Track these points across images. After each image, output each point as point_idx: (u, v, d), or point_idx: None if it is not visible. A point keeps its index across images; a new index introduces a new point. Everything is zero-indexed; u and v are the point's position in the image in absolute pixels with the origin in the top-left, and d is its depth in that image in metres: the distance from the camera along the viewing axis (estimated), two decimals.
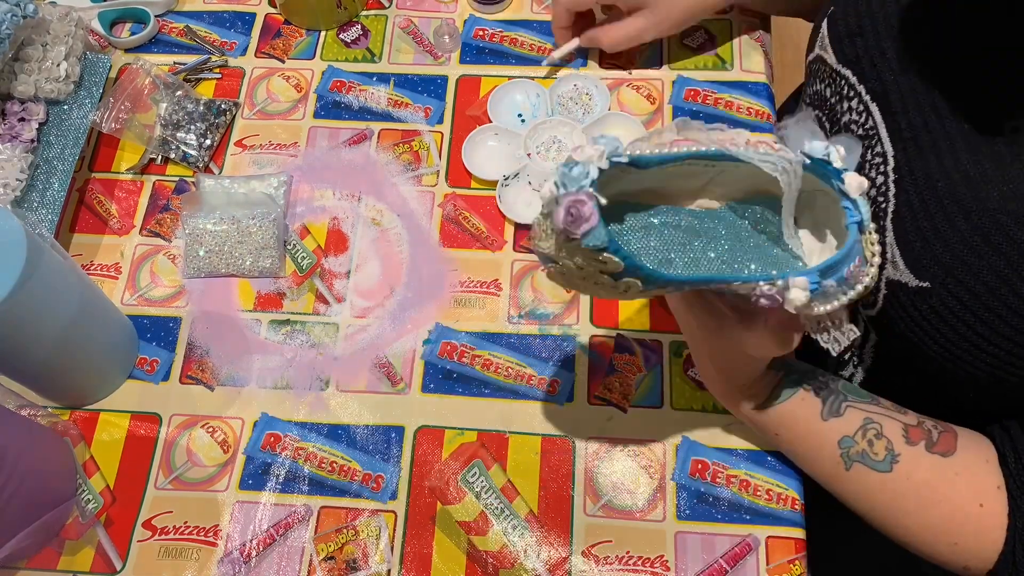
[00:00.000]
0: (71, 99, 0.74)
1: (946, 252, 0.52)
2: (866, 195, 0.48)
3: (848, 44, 0.61)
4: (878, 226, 0.57)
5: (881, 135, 0.58)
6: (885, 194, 0.57)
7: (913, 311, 0.54)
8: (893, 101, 0.57)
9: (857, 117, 0.61)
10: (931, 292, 0.53)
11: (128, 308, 0.69)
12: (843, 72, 0.62)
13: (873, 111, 0.59)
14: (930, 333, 0.54)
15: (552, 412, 0.64)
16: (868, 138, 0.59)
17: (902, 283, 0.55)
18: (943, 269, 0.52)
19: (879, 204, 0.57)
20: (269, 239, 0.70)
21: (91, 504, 0.62)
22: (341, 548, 0.60)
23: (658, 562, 0.58)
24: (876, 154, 0.58)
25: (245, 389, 0.66)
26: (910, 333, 0.55)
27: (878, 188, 0.58)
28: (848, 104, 0.61)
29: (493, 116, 0.76)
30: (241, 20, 0.84)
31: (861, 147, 0.59)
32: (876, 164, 0.58)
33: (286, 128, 0.77)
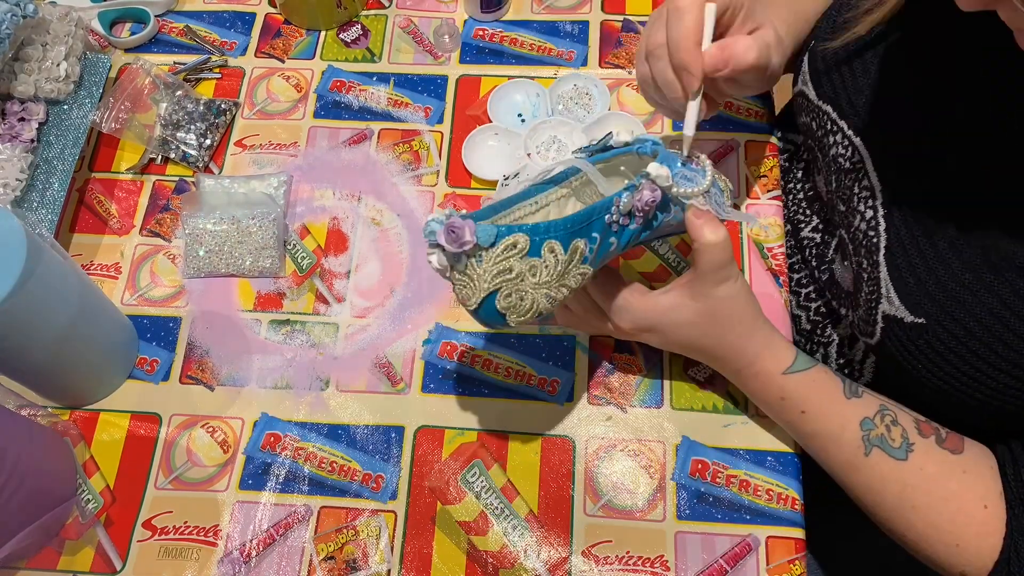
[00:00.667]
0: (71, 99, 0.74)
1: (939, 289, 0.52)
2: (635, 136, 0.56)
3: (826, 80, 0.62)
4: (871, 260, 0.57)
5: (867, 169, 0.59)
6: (876, 228, 0.57)
7: (910, 345, 0.55)
8: (876, 136, 0.58)
9: (843, 151, 0.61)
10: (926, 328, 0.53)
11: (128, 308, 0.69)
12: (824, 108, 0.63)
13: (858, 145, 0.60)
14: (927, 366, 0.54)
15: (552, 412, 0.64)
16: (855, 171, 0.60)
17: (897, 318, 0.55)
18: (937, 306, 0.52)
19: (871, 238, 0.58)
20: (269, 239, 0.70)
21: (91, 504, 0.62)
22: (341, 548, 0.60)
23: (658, 562, 0.58)
24: (863, 187, 0.59)
25: (245, 389, 0.66)
26: (907, 365, 0.56)
27: (868, 222, 0.58)
28: (834, 138, 0.62)
29: (493, 116, 0.76)
30: (241, 20, 0.84)
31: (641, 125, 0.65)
32: (864, 197, 0.59)
33: (286, 128, 0.77)
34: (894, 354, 0.56)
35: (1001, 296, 0.49)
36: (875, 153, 0.58)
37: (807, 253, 0.71)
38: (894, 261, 0.55)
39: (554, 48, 0.80)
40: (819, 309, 0.69)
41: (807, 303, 0.71)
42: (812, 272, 0.70)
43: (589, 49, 0.80)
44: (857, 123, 0.60)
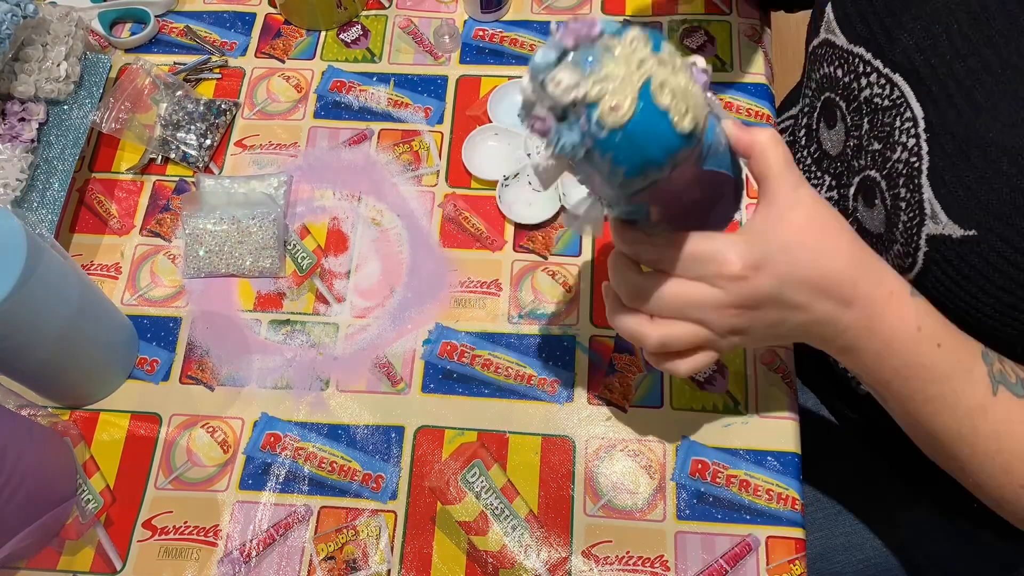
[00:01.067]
0: (71, 99, 0.74)
1: (992, 196, 0.49)
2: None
3: (860, 22, 0.59)
4: (913, 186, 0.54)
5: (909, 101, 0.55)
6: (918, 154, 0.54)
7: (959, 263, 0.51)
8: (919, 68, 0.55)
9: (879, 90, 0.58)
10: (978, 240, 0.49)
11: (128, 308, 0.69)
12: (855, 50, 0.60)
13: (897, 81, 0.57)
14: (982, 286, 0.50)
15: (552, 412, 0.64)
16: (895, 107, 0.57)
17: (945, 236, 0.51)
18: (990, 214, 0.49)
19: (912, 165, 0.54)
20: (269, 239, 0.70)
21: (91, 504, 0.62)
22: (341, 548, 0.60)
23: (658, 562, 0.58)
24: (906, 119, 0.56)
25: (245, 389, 0.66)
26: (957, 289, 0.52)
27: (910, 150, 0.55)
28: (867, 80, 0.59)
29: (493, 116, 0.76)
30: (241, 20, 0.84)
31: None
32: (906, 129, 0.56)
33: (286, 128, 0.77)
34: (941, 279, 0.53)
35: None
36: (917, 85, 0.55)
37: None
38: (940, 177, 0.52)
39: None
40: None
41: None
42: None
43: None
44: (897, 58, 0.56)
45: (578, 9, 0.82)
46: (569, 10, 0.82)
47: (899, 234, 0.57)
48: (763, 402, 0.63)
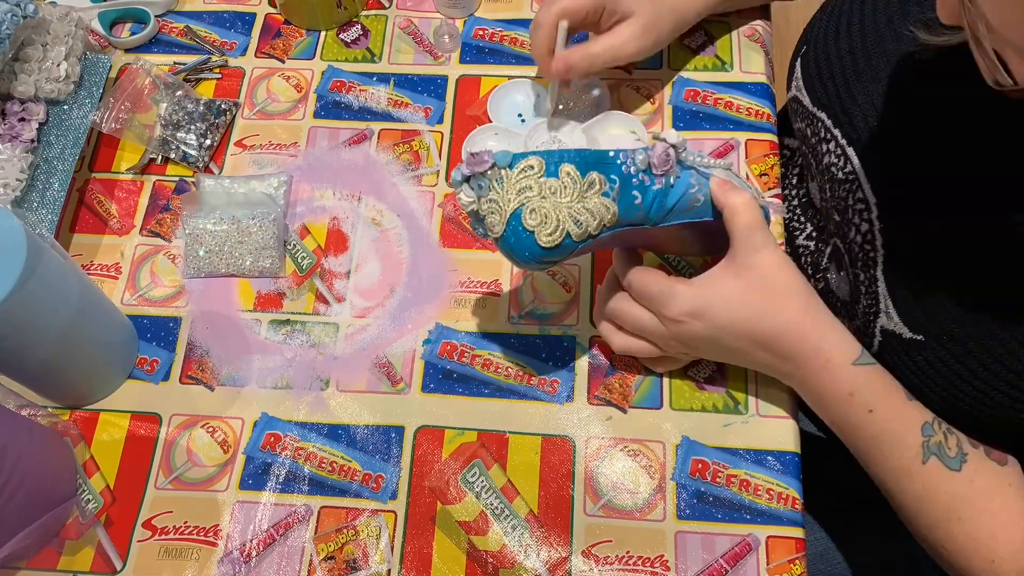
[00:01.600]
0: (71, 99, 0.74)
1: (937, 308, 0.51)
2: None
3: (820, 87, 0.61)
4: (869, 275, 0.56)
5: (861, 181, 0.57)
6: (872, 242, 0.56)
7: (908, 360, 0.54)
8: (870, 148, 0.57)
9: (836, 160, 0.60)
10: (925, 345, 0.52)
11: (128, 308, 0.69)
12: (818, 114, 0.62)
13: (851, 156, 0.58)
14: (927, 382, 0.53)
15: (552, 412, 0.64)
16: (848, 182, 0.59)
17: (896, 333, 0.54)
18: (936, 324, 0.51)
19: (867, 252, 0.57)
20: (269, 239, 0.70)
21: (91, 504, 0.62)
22: (341, 548, 0.60)
23: (658, 562, 0.58)
24: (858, 199, 0.58)
25: (245, 389, 0.66)
26: (905, 379, 0.55)
27: (864, 236, 0.57)
28: (827, 146, 0.61)
29: (493, 116, 0.76)
30: (241, 20, 0.84)
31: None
32: (859, 210, 0.58)
33: (286, 128, 0.77)
34: (892, 368, 0.55)
35: (1000, 317, 0.49)
36: (869, 166, 0.57)
37: (802, 261, 0.70)
38: (892, 277, 0.54)
39: None
40: None
41: None
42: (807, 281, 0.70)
43: None
44: (851, 133, 0.58)
45: None
46: None
47: (860, 312, 0.59)
48: (763, 402, 0.63)
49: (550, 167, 0.51)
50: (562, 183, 0.51)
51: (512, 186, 0.51)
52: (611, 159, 0.53)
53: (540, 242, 0.51)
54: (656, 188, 0.54)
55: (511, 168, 0.51)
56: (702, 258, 0.68)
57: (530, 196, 0.51)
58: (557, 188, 0.51)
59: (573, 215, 0.51)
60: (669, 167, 0.54)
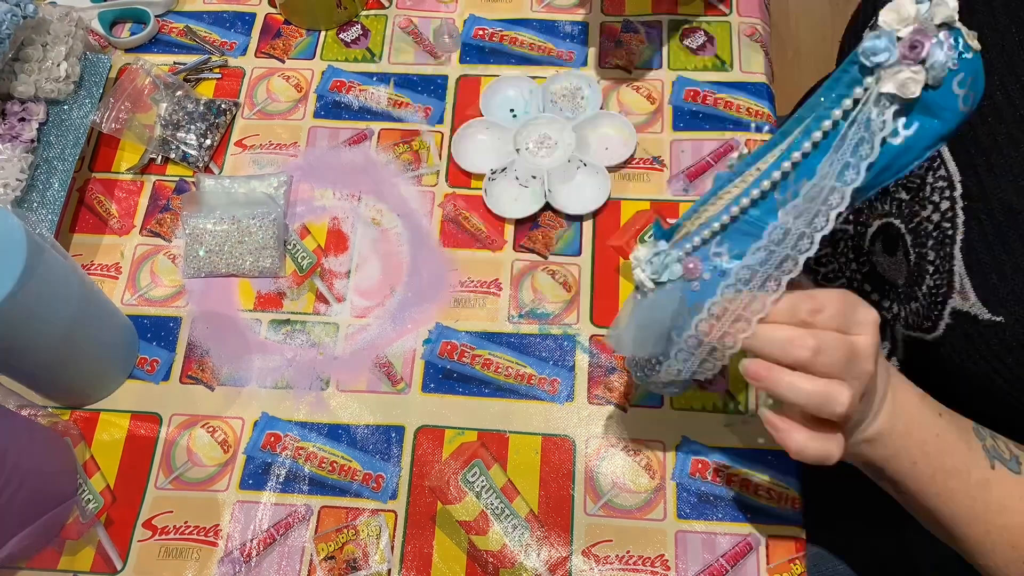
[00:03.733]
0: (71, 99, 0.74)
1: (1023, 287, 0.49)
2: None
3: None
4: (943, 253, 0.53)
5: (944, 158, 0.55)
6: (952, 220, 0.54)
7: (980, 343, 0.51)
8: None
9: None
10: (1004, 327, 0.50)
11: (128, 308, 0.69)
12: None
13: None
14: (997, 366, 0.51)
15: (552, 412, 0.64)
16: (929, 160, 0.57)
17: (971, 315, 0.52)
18: (1021, 304, 0.49)
19: (944, 230, 0.54)
20: (269, 239, 0.70)
21: (91, 504, 0.62)
22: (341, 548, 0.60)
23: (658, 561, 0.58)
24: (939, 177, 0.55)
25: (245, 389, 0.66)
26: (971, 364, 0.52)
27: (942, 213, 0.55)
28: None
29: (486, 110, 0.76)
30: (241, 20, 0.84)
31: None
32: (940, 188, 0.55)
33: (286, 128, 0.77)
34: (957, 351, 0.53)
35: None
36: (954, 143, 0.54)
37: (840, 247, 0.68)
38: (974, 255, 0.52)
39: (554, 48, 0.80)
40: None
41: None
42: (844, 265, 0.67)
43: (589, 50, 0.80)
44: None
45: (577, 9, 0.82)
46: (569, 9, 0.82)
47: (922, 295, 0.56)
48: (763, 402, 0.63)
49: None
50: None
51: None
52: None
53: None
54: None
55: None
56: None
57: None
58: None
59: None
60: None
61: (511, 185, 0.72)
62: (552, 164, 0.72)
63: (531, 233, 0.71)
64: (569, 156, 0.72)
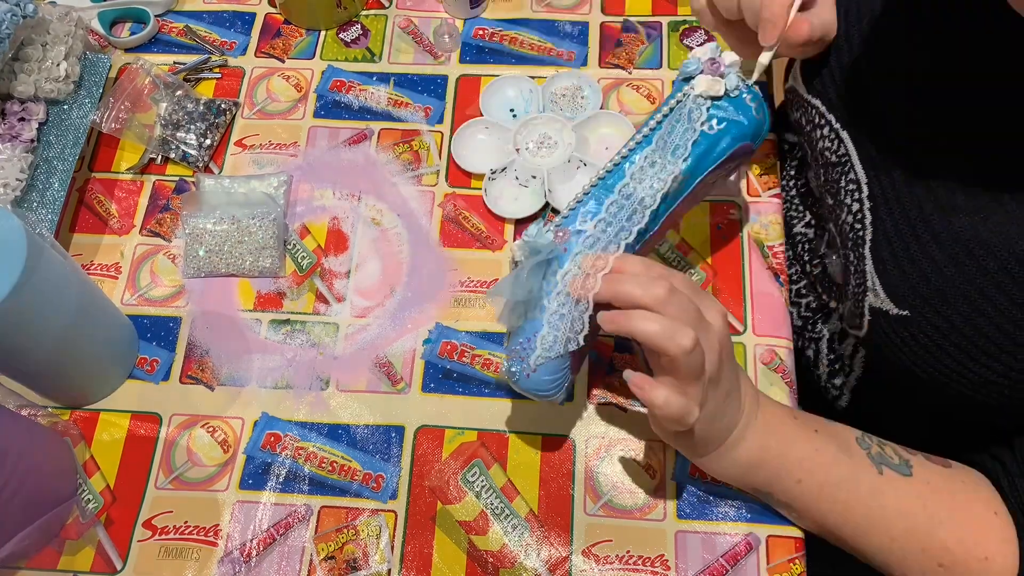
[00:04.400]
0: (71, 99, 0.74)
1: (922, 281, 0.52)
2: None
3: (815, 75, 0.63)
4: (858, 253, 0.57)
5: (853, 161, 0.59)
6: (862, 221, 0.57)
7: (895, 337, 0.54)
8: (862, 129, 0.58)
9: (830, 144, 0.62)
10: (910, 320, 0.53)
11: (128, 308, 0.69)
12: (813, 102, 0.63)
13: (844, 138, 0.60)
14: (912, 358, 0.54)
15: (552, 412, 0.64)
16: (841, 165, 0.60)
17: (883, 310, 0.55)
18: (920, 299, 0.52)
19: (857, 231, 0.58)
20: (269, 239, 0.70)
21: (91, 504, 0.62)
22: (341, 548, 0.60)
23: (658, 561, 0.58)
24: (850, 180, 0.59)
25: (245, 389, 0.66)
26: (894, 357, 0.55)
27: (854, 215, 0.58)
28: (821, 132, 0.62)
29: (485, 110, 0.76)
30: (241, 20, 0.84)
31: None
32: (851, 191, 0.59)
33: (286, 128, 0.77)
34: (881, 346, 0.56)
35: (982, 290, 0.49)
36: (860, 146, 0.58)
37: (799, 248, 0.71)
38: (879, 254, 0.55)
39: (554, 48, 0.80)
40: (810, 304, 0.70)
41: (798, 299, 0.71)
42: (803, 267, 0.71)
43: (589, 50, 0.80)
44: (843, 116, 0.60)
45: (578, 8, 0.82)
46: (568, 9, 0.82)
47: (850, 294, 0.59)
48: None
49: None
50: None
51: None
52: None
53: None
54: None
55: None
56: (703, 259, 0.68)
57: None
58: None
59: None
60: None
61: (511, 185, 0.72)
62: (552, 164, 0.72)
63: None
64: (569, 156, 0.72)
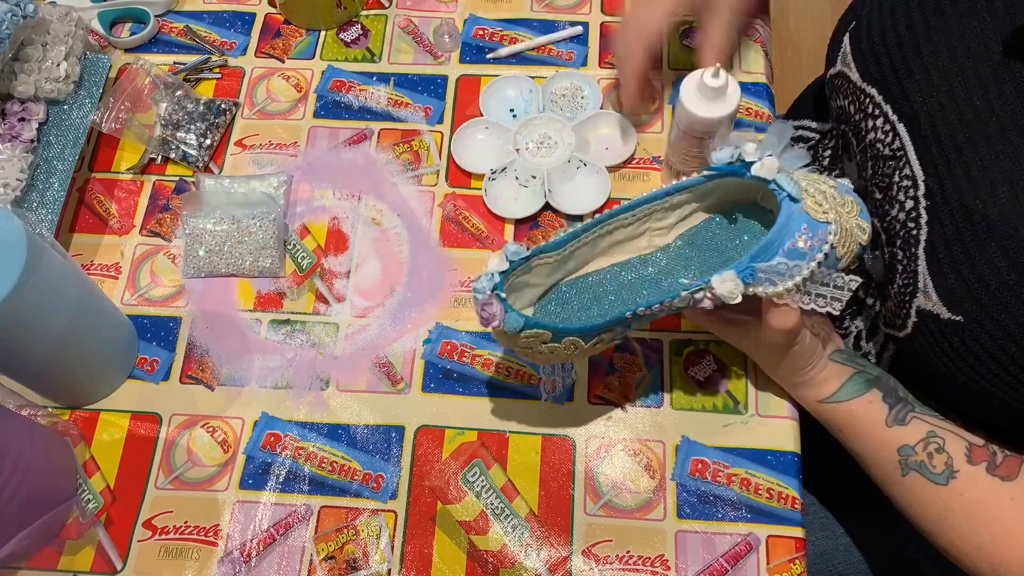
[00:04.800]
0: (71, 99, 0.74)
1: (982, 288, 0.50)
2: (787, 173, 0.53)
3: (873, 62, 0.60)
4: (909, 253, 0.56)
5: (909, 157, 0.56)
6: (916, 220, 0.55)
7: (943, 341, 0.53)
8: (923, 124, 0.56)
9: (883, 136, 0.59)
10: (963, 326, 0.52)
11: (128, 308, 0.69)
12: (868, 90, 0.60)
13: (900, 132, 0.57)
14: (958, 363, 0.53)
15: (552, 412, 0.64)
16: (895, 159, 0.58)
17: (933, 313, 0.53)
18: (978, 305, 0.51)
19: (910, 230, 0.56)
20: (269, 239, 0.70)
21: (91, 504, 0.62)
22: (341, 548, 0.60)
23: (658, 561, 0.58)
24: (904, 176, 0.57)
25: (245, 389, 0.66)
26: (938, 361, 0.55)
27: (907, 213, 0.56)
28: (873, 122, 0.60)
29: (485, 110, 0.76)
30: (241, 20, 0.84)
31: (791, 129, 0.60)
32: (905, 187, 0.57)
33: (286, 128, 0.77)
34: (924, 349, 0.55)
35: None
36: (919, 142, 0.56)
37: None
38: (935, 255, 0.53)
39: (554, 48, 0.80)
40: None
41: None
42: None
43: (589, 49, 0.80)
44: (903, 107, 0.57)
45: (578, 8, 0.82)
46: (569, 9, 0.82)
47: (894, 293, 0.58)
48: (763, 402, 0.63)
49: (556, 337, 0.53)
50: (564, 348, 0.54)
51: (518, 341, 0.53)
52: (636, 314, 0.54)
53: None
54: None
55: (520, 333, 0.52)
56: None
57: (528, 351, 0.54)
58: (557, 351, 0.54)
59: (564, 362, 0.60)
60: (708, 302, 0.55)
61: (511, 185, 0.73)
62: (552, 164, 0.72)
63: (531, 233, 0.71)
64: (569, 156, 0.72)
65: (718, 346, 0.65)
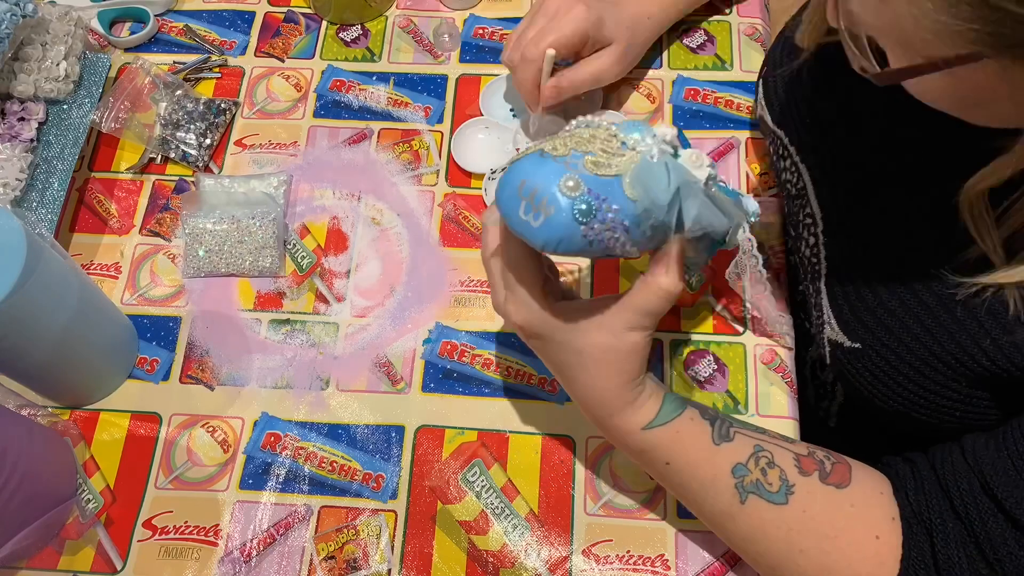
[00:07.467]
0: (71, 99, 0.74)
1: (869, 315, 0.53)
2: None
3: (777, 106, 0.63)
4: (815, 287, 0.59)
5: (810, 196, 0.60)
6: (818, 256, 0.59)
7: (850, 368, 0.56)
8: (820, 165, 0.59)
9: (791, 177, 0.63)
10: (862, 352, 0.54)
11: (128, 308, 0.69)
12: (778, 132, 0.64)
13: (803, 171, 0.61)
14: (871, 389, 0.55)
15: (552, 411, 0.64)
16: (800, 198, 0.61)
17: (838, 342, 0.56)
18: (868, 332, 0.53)
19: (814, 265, 0.59)
20: (269, 239, 0.70)
21: (91, 504, 0.62)
22: (341, 547, 0.60)
23: (659, 561, 0.58)
24: (807, 215, 0.60)
25: (245, 389, 0.66)
26: (857, 387, 0.56)
27: (811, 248, 0.60)
28: (784, 163, 0.63)
29: (485, 110, 0.76)
30: (241, 19, 0.84)
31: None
32: (808, 225, 0.60)
33: (286, 127, 0.77)
34: (841, 376, 0.57)
35: (922, 322, 0.50)
36: (816, 180, 0.59)
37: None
38: (832, 288, 0.57)
39: None
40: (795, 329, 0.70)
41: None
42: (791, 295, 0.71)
43: None
44: (802, 149, 0.61)
45: None
46: None
47: (813, 325, 0.61)
48: (763, 402, 0.63)
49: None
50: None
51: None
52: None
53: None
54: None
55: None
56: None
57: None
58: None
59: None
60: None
61: None
62: None
63: None
64: None
65: (718, 346, 0.65)
